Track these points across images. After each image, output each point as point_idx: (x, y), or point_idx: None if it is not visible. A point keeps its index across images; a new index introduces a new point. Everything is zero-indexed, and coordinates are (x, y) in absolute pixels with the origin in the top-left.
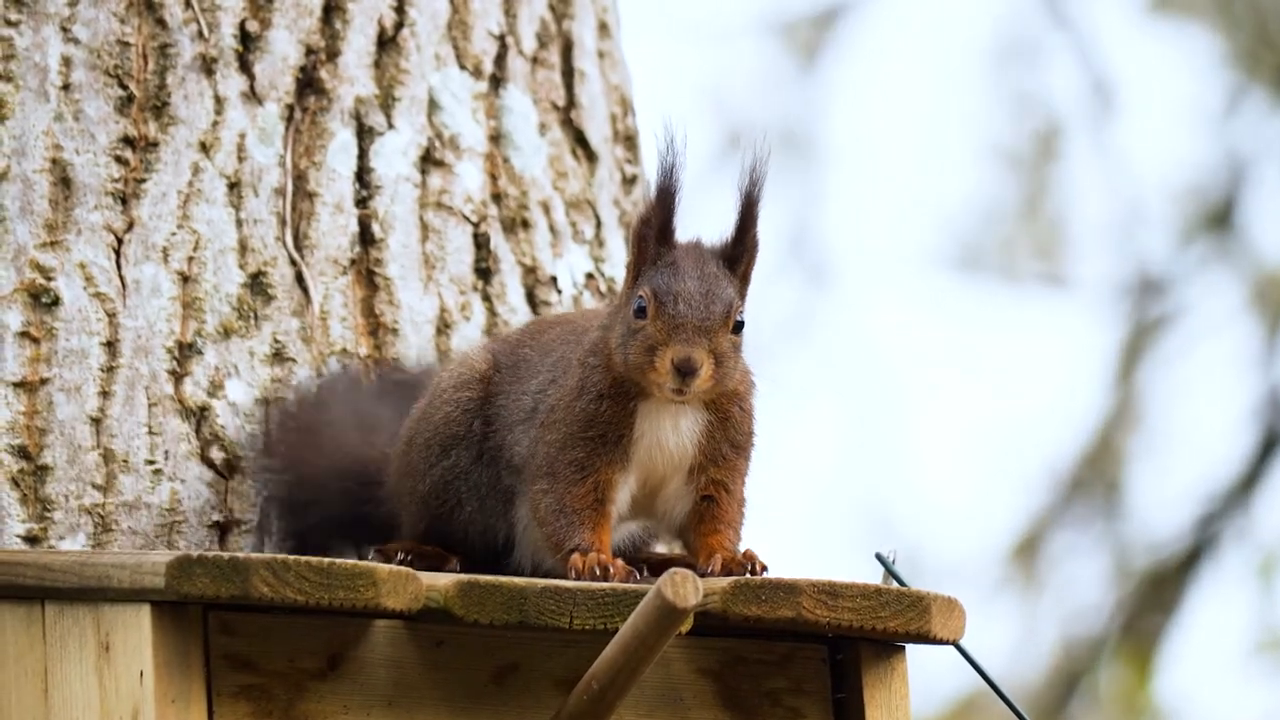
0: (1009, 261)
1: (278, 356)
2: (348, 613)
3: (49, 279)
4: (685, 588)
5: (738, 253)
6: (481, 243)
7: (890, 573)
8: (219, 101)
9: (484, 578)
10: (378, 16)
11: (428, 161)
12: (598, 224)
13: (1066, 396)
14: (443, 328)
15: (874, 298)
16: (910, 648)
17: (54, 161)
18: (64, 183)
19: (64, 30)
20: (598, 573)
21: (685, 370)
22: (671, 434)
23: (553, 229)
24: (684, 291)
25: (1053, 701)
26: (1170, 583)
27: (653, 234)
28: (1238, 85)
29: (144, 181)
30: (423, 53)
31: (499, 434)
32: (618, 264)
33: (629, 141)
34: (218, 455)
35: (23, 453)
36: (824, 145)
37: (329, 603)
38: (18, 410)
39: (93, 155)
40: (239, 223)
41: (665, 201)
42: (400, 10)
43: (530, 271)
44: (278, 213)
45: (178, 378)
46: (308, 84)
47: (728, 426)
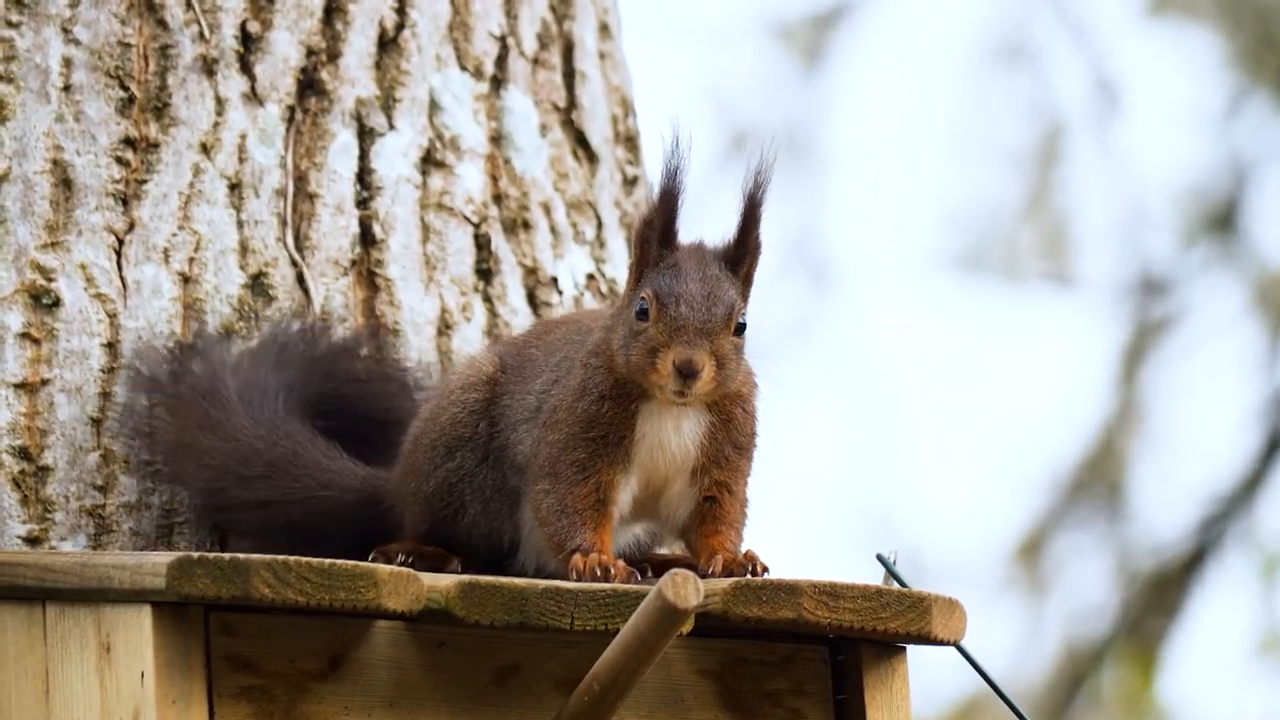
0: (1012, 263)
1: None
2: (349, 614)
3: (50, 280)
4: (686, 589)
5: (740, 254)
6: (482, 244)
7: (891, 574)
8: (220, 102)
9: (485, 579)
10: (379, 18)
11: (429, 162)
12: (599, 225)
13: (1069, 398)
14: (444, 329)
15: (876, 299)
16: (912, 649)
17: (55, 162)
18: (65, 184)
19: (65, 31)
20: (598, 574)
21: (687, 372)
22: (673, 435)
23: (554, 230)
24: (686, 293)
25: (1056, 703)
26: (1173, 584)
27: (655, 236)
28: (1241, 87)
29: (145, 182)
30: (424, 54)
31: (504, 433)
32: (619, 265)
33: (630, 143)
34: None
35: (24, 454)
36: (826, 147)
37: (330, 604)
38: (19, 411)
39: (94, 156)
40: (240, 224)
41: (668, 203)
42: (401, 11)
43: (531, 272)
44: (278, 214)
45: None
46: (309, 85)
47: (730, 428)
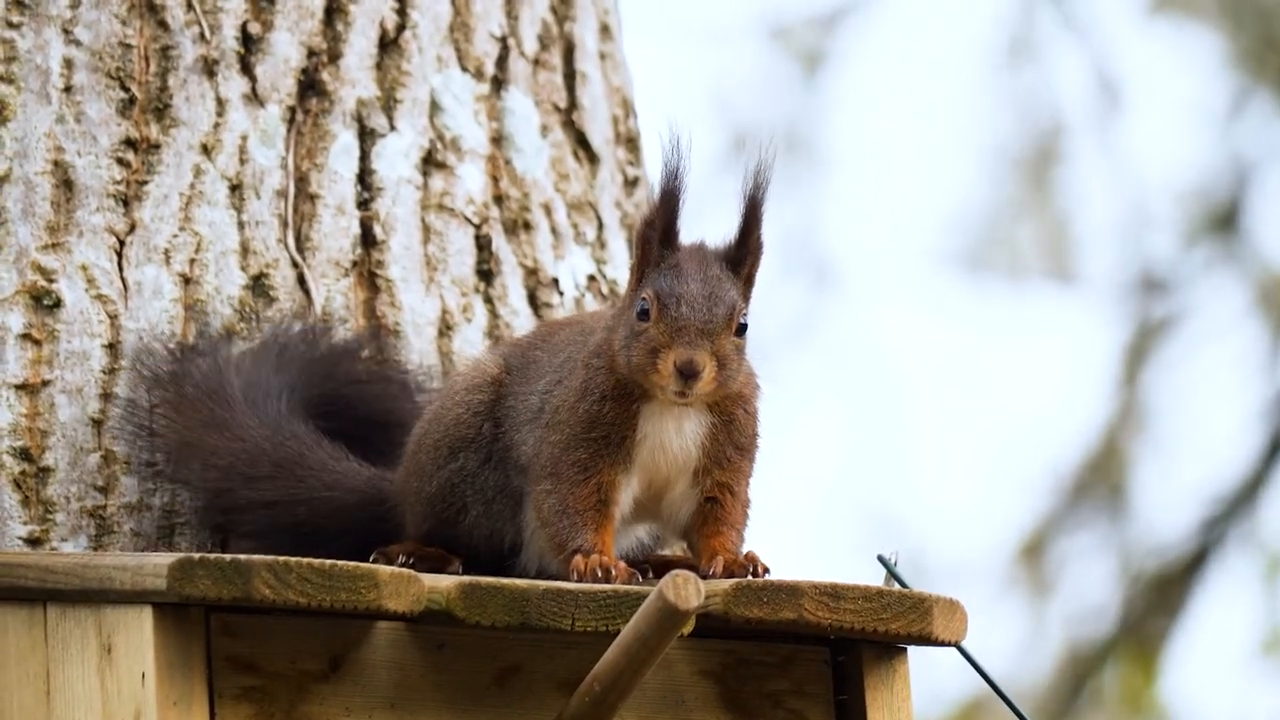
0: (1013, 263)
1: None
2: (350, 614)
3: (51, 281)
4: (687, 590)
5: (741, 255)
6: (483, 244)
7: (892, 574)
8: (221, 103)
9: (486, 580)
10: (379, 18)
11: (429, 163)
12: (599, 226)
13: (1071, 398)
14: (444, 329)
15: (878, 300)
16: (914, 650)
17: (56, 163)
18: (66, 185)
19: (66, 32)
20: (599, 574)
21: (687, 373)
22: (675, 436)
23: (554, 231)
24: (687, 294)
25: (1058, 703)
26: (1175, 585)
27: (656, 236)
28: (1243, 87)
29: (146, 183)
30: (424, 55)
31: (508, 434)
32: (620, 266)
33: (631, 143)
34: None
35: (24, 455)
36: (827, 147)
37: (331, 604)
38: (19, 412)
39: (94, 157)
40: (241, 225)
41: (669, 204)
42: (402, 12)
43: (532, 273)
44: (279, 215)
45: None
46: (309, 86)
47: (732, 429)
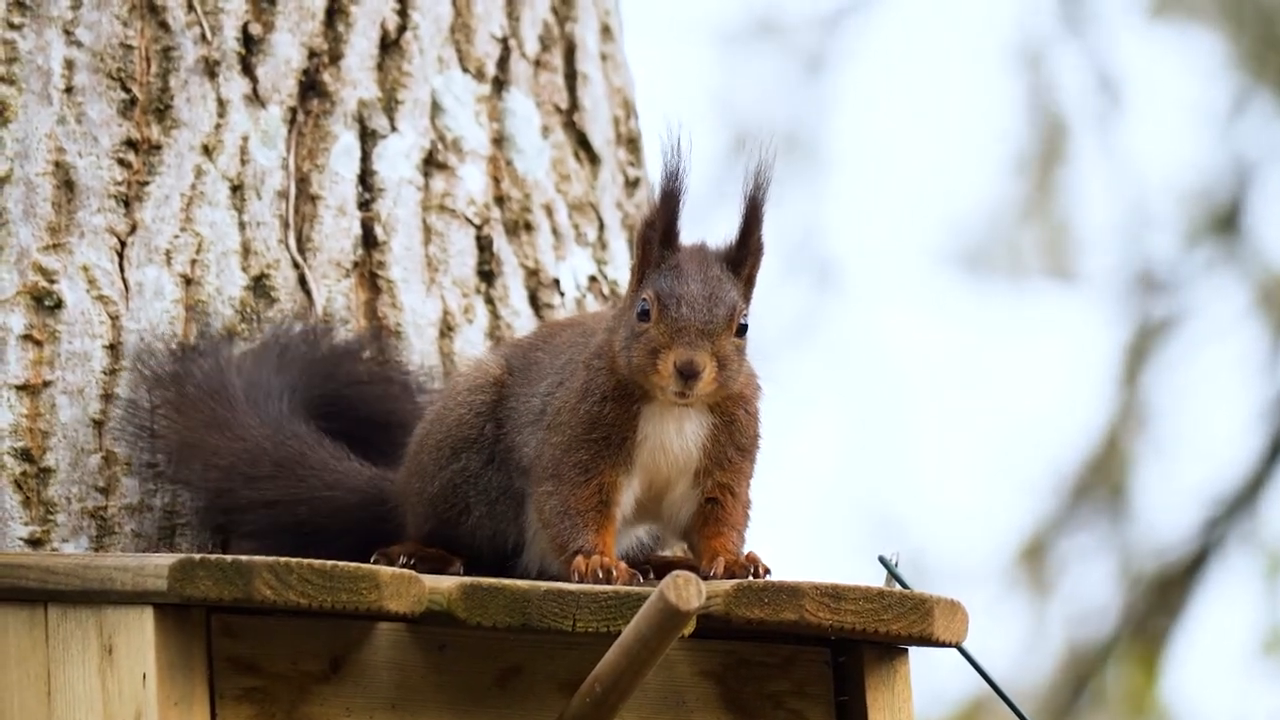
0: (1015, 264)
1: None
2: (350, 615)
3: (52, 282)
4: (688, 590)
5: (742, 255)
6: (484, 245)
7: (893, 575)
8: (221, 104)
9: (487, 580)
10: (380, 19)
11: (430, 164)
12: (600, 227)
13: (1072, 399)
14: (446, 330)
15: (879, 300)
16: (914, 650)
17: (57, 164)
18: (67, 185)
19: (67, 33)
20: (600, 575)
21: (688, 373)
22: (675, 437)
23: (555, 232)
24: (687, 294)
25: (1059, 704)
26: (1176, 585)
27: (656, 237)
28: (1244, 88)
29: (147, 184)
30: (425, 55)
31: (509, 436)
32: (621, 267)
33: (632, 144)
34: None
35: (25, 455)
36: (828, 147)
37: (332, 605)
38: (20, 413)
39: (95, 158)
40: (242, 225)
41: (669, 204)
42: (403, 13)
43: (533, 274)
44: (280, 215)
45: None
46: (310, 87)
47: (733, 430)
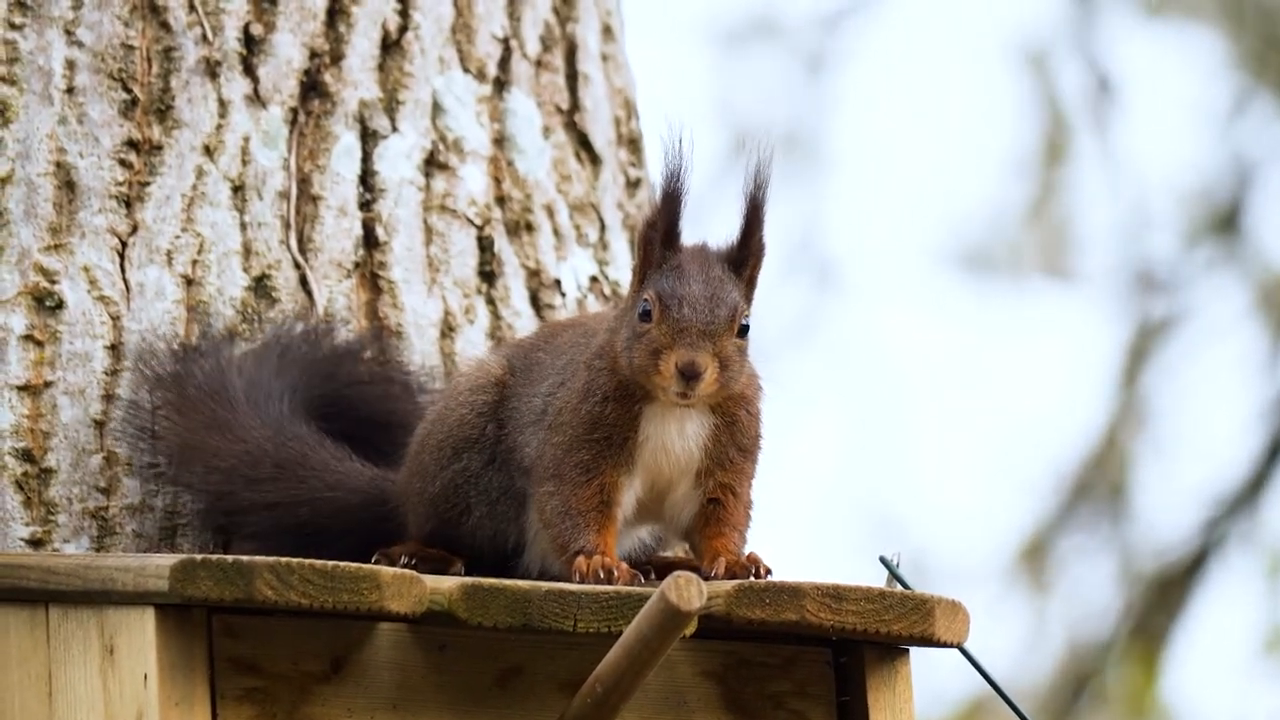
0: (1015, 264)
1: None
2: (352, 616)
3: (53, 282)
4: (689, 591)
5: (743, 256)
6: (485, 246)
7: (894, 576)
8: (223, 105)
9: (488, 581)
10: (382, 20)
11: (431, 165)
12: (602, 227)
13: (1072, 399)
14: (447, 331)
15: (880, 300)
16: (916, 651)
17: (58, 165)
18: (68, 186)
19: (68, 33)
20: (602, 575)
21: (689, 374)
22: (677, 438)
23: (557, 232)
24: (688, 295)
25: (1060, 703)
26: (1177, 585)
27: (658, 237)
28: (1244, 88)
29: (148, 185)
30: (426, 56)
31: (511, 436)
32: (622, 267)
33: (633, 145)
34: None
35: (26, 456)
36: (829, 148)
37: (333, 606)
38: (21, 413)
39: (97, 158)
40: (243, 226)
41: (670, 205)
42: (404, 14)
43: (534, 275)
44: (281, 216)
45: None
46: (312, 87)
47: (734, 430)
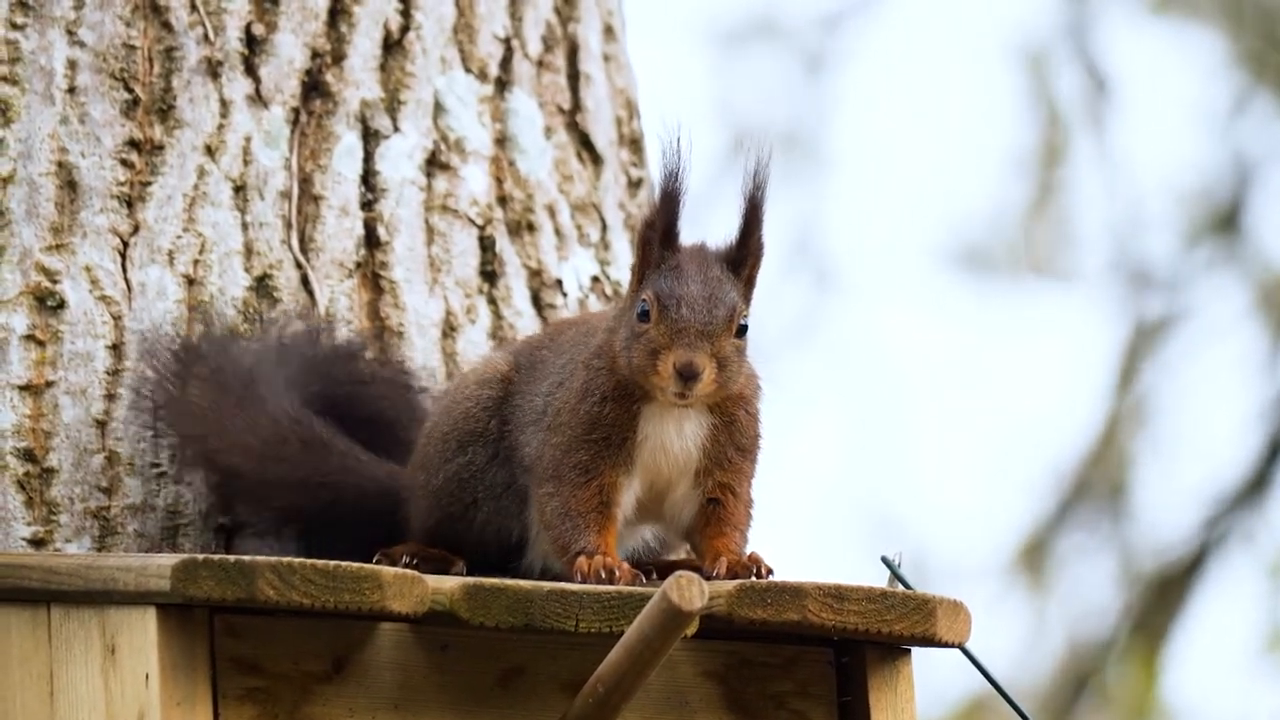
0: (1014, 264)
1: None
2: (353, 615)
3: (54, 282)
4: (690, 591)
5: (742, 256)
6: (487, 246)
7: (896, 576)
8: (224, 104)
9: (489, 581)
10: (383, 20)
11: (433, 165)
12: (603, 227)
13: (1072, 398)
14: (448, 331)
15: (879, 300)
16: (916, 650)
17: (60, 164)
18: (69, 186)
19: (70, 33)
20: (603, 575)
21: (687, 374)
22: (676, 437)
23: (558, 232)
24: (687, 295)
25: (1061, 703)
26: (1177, 584)
27: (657, 237)
28: (1244, 87)
29: (149, 184)
30: (428, 56)
31: (513, 434)
32: (623, 267)
33: (634, 145)
34: None
35: (28, 455)
36: (829, 148)
37: (334, 606)
38: (23, 413)
39: (98, 158)
40: (244, 226)
41: (669, 205)
42: (406, 14)
43: (536, 274)
44: (283, 216)
45: None
46: (313, 87)
47: (733, 430)
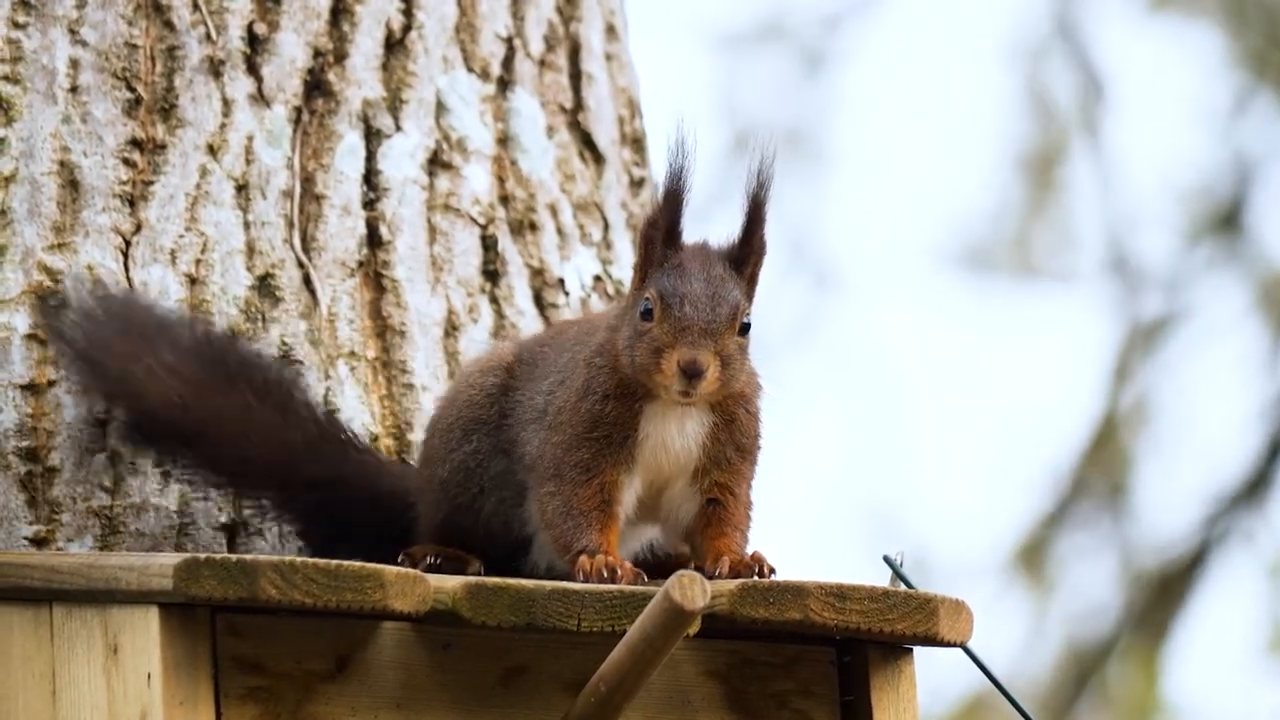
0: (1015, 263)
1: (285, 359)
2: (355, 615)
3: (57, 281)
4: (693, 590)
5: (744, 254)
6: (489, 245)
7: (898, 575)
8: (226, 104)
9: (492, 580)
10: (385, 19)
11: (435, 164)
12: (605, 226)
13: (1072, 397)
14: (450, 330)
15: (879, 299)
16: (917, 649)
17: (62, 164)
18: (72, 185)
19: (72, 32)
20: (605, 575)
21: (691, 373)
22: (676, 436)
23: (560, 231)
24: (690, 294)
25: (1061, 702)
26: (1177, 583)
27: (659, 236)
28: (1246, 86)
29: (151, 184)
30: (430, 55)
31: (513, 428)
32: (626, 266)
33: (636, 144)
34: None
35: (30, 455)
36: (830, 147)
37: (336, 605)
38: (25, 412)
39: (100, 157)
40: (246, 225)
41: (672, 203)
42: (408, 13)
43: (538, 274)
44: (285, 215)
45: None
46: (315, 86)
47: (733, 429)
